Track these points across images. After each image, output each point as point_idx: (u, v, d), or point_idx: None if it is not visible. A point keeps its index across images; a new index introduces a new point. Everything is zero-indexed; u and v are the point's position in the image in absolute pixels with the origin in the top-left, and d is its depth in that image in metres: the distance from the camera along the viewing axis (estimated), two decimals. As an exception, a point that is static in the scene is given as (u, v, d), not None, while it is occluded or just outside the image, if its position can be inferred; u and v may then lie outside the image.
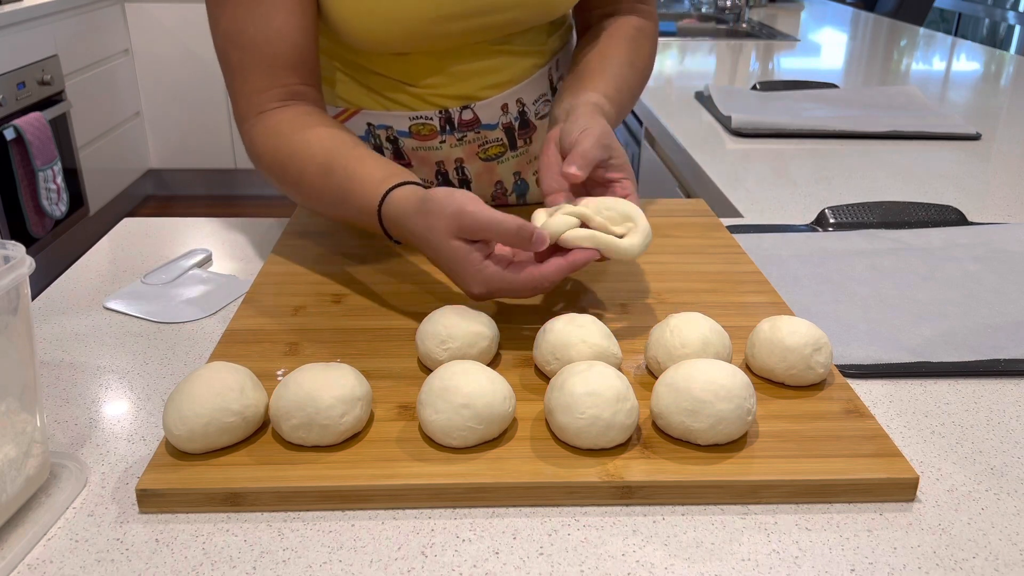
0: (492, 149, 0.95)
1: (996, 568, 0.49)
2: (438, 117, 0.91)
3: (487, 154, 0.95)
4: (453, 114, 0.91)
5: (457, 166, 0.95)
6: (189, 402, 0.55)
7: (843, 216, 1.01)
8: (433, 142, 0.93)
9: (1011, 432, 0.62)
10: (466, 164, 0.95)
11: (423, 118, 0.91)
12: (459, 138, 0.93)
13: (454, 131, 0.92)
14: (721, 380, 0.56)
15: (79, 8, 3.15)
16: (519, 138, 0.96)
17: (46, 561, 0.49)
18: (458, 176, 0.96)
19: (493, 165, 0.97)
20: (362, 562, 0.49)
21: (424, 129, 0.92)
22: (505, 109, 0.93)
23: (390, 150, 0.94)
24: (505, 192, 1.00)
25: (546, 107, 0.96)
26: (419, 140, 0.93)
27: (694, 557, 0.50)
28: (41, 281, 0.84)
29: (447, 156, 0.94)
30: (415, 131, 0.92)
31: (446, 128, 0.92)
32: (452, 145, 0.93)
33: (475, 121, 0.92)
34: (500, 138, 0.95)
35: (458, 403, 0.55)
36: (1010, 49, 4.73)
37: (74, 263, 0.91)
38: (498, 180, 0.98)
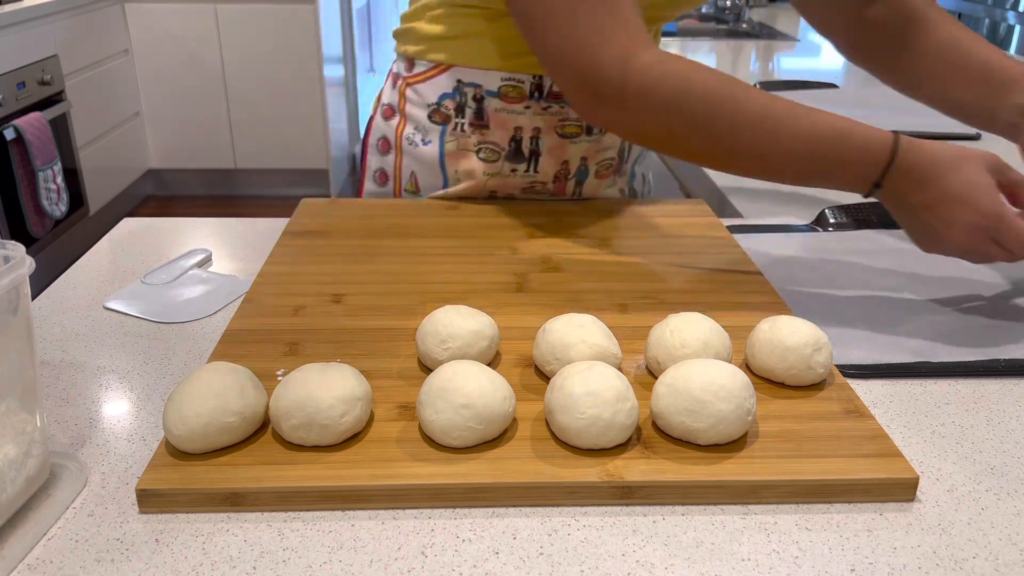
0: (570, 128, 0.97)
1: (996, 568, 0.49)
2: (530, 82, 0.93)
3: (564, 131, 0.97)
4: (545, 82, 0.93)
5: (533, 136, 0.97)
6: (189, 402, 0.55)
7: (843, 216, 1.01)
8: (518, 106, 0.95)
9: (1011, 432, 0.62)
10: (542, 136, 0.97)
11: (515, 80, 0.93)
12: (544, 107, 0.95)
13: (541, 99, 0.94)
14: (721, 380, 0.56)
15: (79, 8, 3.15)
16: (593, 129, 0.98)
17: (46, 561, 0.49)
18: (531, 146, 0.98)
19: (566, 144, 0.98)
20: (362, 562, 0.49)
21: (513, 92, 0.94)
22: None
23: (472, 109, 0.96)
24: (567, 174, 1.01)
25: None
26: (505, 102, 0.95)
27: (694, 557, 0.50)
28: (41, 281, 0.84)
29: (527, 123, 0.96)
30: (504, 92, 0.94)
31: (534, 94, 0.94)
32: (536, 113, 0.96)
33: (563, 95, 0.93)
34: (580, 119, 0.96)
35: (458, 403, 0.55)
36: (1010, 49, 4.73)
37: (74, 263, 0.91)
38: (565, 160, 1.00)
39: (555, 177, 1.01)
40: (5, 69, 2.66)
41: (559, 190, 1.03)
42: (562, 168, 1.01)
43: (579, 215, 0.99)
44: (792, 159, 0.73)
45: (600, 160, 1.02)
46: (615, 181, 1.07)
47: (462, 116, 0.97)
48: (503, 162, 0.99)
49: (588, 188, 1.04)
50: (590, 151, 1.01)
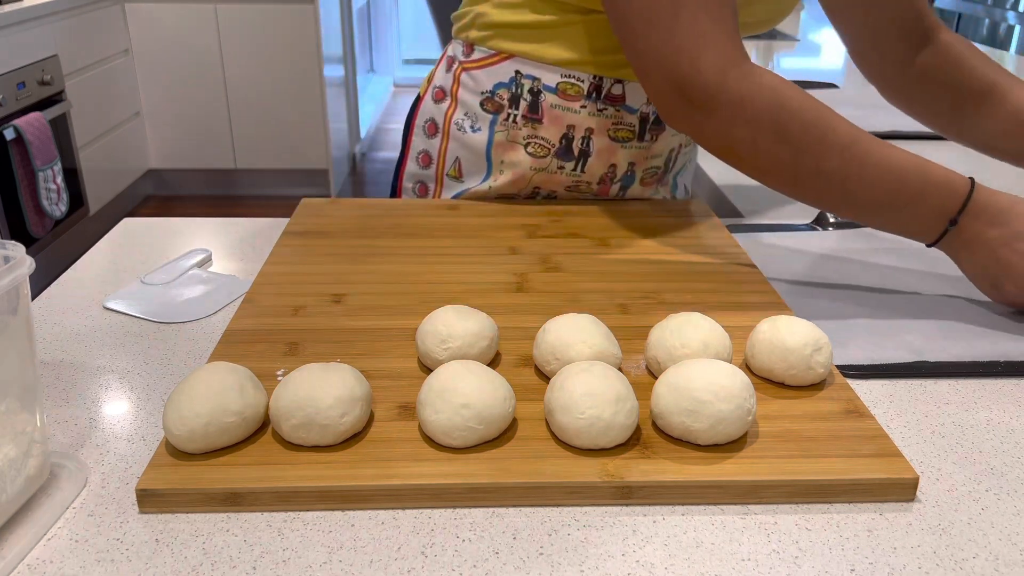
0: (622, 132, 0.98)
1: (996, 568, 0.49)
2: (589, 81, 0.94)
3: (616, 134, 0.98)
4: (604, 83, 0.94)
5: (585, 135, 0.97)
6: (189, 402, 0.55)
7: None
8: (574, 104, 0.95)
9: (1011, 432, 0.62)
10: (594, 136, 0.97)
11: (574, 78, 0.94)
12: (599, 109, 0.96)
13: (598, 100, 0.95)
14: (721, 380, 0.56)
15: (79, 8, 3.15)
16: (648, 132, 0.99)
17: (46, 561, 0.49)
18: (581, 146, 0.98)
19: (616, 147, 0.99)
20: (362, 562, 0.49)
21: (571, 89, 0.95)
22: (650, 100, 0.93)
23: (527, 102, 0.96)
24: (613, 178, 1.02)
25: None
26: (562, 98, 0.95)
27: (694, 557, 0.50)
28: (41, 281, 0.84)
29: (580, 123, 0.97)
30: (562, 89, 0.95)
31: (591, 95, 0.95)
32: (591, 113, 0.96)
33: (621, 98, 0.95)
34: (633, 124, 0.97)
35: (458, 403, 0.55)
36: (1010, 49, 4.73)
37: (74, 263, 0.91)
38: (613, 163, 1.00)
39: (600, 179, 1.01)
40: (5, 69, 2.66)
41: (603, 192, 1.03)
42: (609, 171, 1.01)
43: (579, 215, 0.99)
44: (875, 186, 0.75)
45: (647, 167, 1.03)
46: (658, 190, 1.07)
47: (516, 107, 0.97)
48: (551, 158, 0.99)
49: (631, 194, 1.05)
50: (639, 157, 1.01)
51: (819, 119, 0.75)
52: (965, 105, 0.96)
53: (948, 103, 0.97)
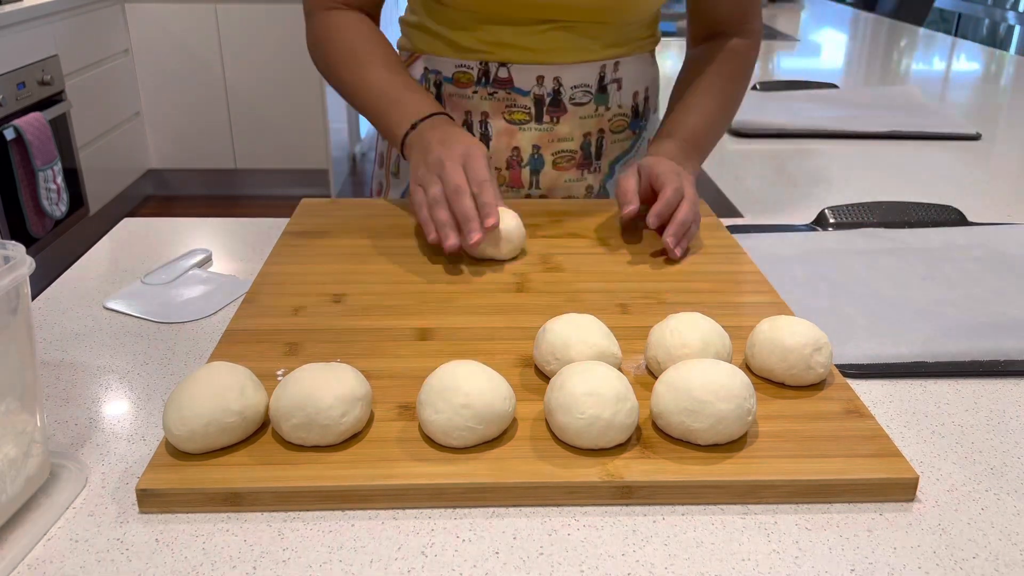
0: (517, 114, 1.02)
1: (996, 568, 0.49)
2: (477, 68, 1.00)
3: (511, 117, 1.02)
4: (491, 68, 1.00)
5: (482, 120, 1.03)
6: (189, 402, 0.55)
7: (843, 216, 1.01)
8: (467, 91, 1.02)
9: (1011, 432, 0.62)
10: (490, 120, 1.03)
11: (465, 67, 1.01)
12: (490, 93, 1.01)
13: (488, 84, 1.01)
14: (721, 380, 0.56)
15: (79, 8, 3.15)
16: (547, 114, 1.02)
17: (46, 561, 0.49)
18: (480, 130, 1.03)
19: (515, 130, 1.03)
20: (362, 562, 0.49)
21: (463, 77, 1.02)
22: (540, 81, 1.00)
23: (433, 94, 1.04)
24: (520, 161, 1.04)
25: (585, 97, 1.02)
26: (457, 87, 1.02)
27: (694, 557, 0.50)
28: (41, 281, 0.84)
29: (475, 107, 1.02)
30: (456, 78, 1.02)
31: (481, 80, 1.01)
32: (483, 98, 1.02)
33: (508, 81, 1.00)
34: (528, 106, 1.01)
35: (458, 403, 0.55)
36: (1010, 49, 4.73)
37: (74, 263, 0.91)
38: (516, 146, 1.03)
39: (508, 164, 1.05)
40: (5, 69, 2.66)
41: (515, 179, 1.05)
42: (514, 154, 1.04)
43: (579, 215, 0.99)
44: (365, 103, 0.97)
45: (557, 151, 1.05)
46: (582, 176, 1.08)
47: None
48: None
49: (546, 179, 1.06)
50: (542, 140, 1.03)
51: (352, 46, 0.98)
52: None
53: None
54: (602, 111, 1.04)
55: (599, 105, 1.03)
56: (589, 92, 1.02)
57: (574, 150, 1.05)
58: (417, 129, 0.91)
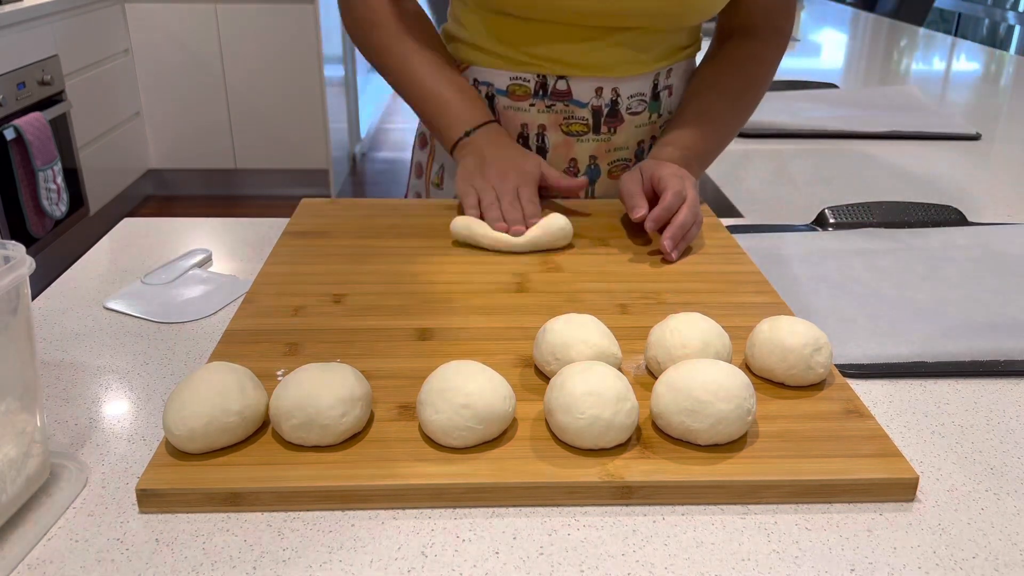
0: (575, 126, 1.01)
1: (996, 568, 0.49)
2: (534, 80, 0.99)
3: (569, 128, 1.01)
4: (549, 81, 0.99)
5: (539, 132, 1.02)
6: (189, 402, 0.55)
7: (843, 216, 1.01)
8: (523, 104, 1.01)
9: (1011, 432, 0.62)
10: (547, 133, 1.02)
11: (521, 79, 0.99)
12: (548, 106, 1.00)
13: (545, 97, 1.00)
14: (721, 380, 0.56)
15: (79, 8, 3.14)
16: (604, 124, 1.02)
17: (46, 561, 0.49)
18: (537, 143, 1.03)
19: (572, 141, 1.02)
20: (362, 562, 0.49)
21: (519, 90, 1.00)
22: (599, 92, 0.99)
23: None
24: (577, 172, 1.05)
25: (640, 106, 1.02)
26: (512, 100, 1.01)
27: (694, 557, 0.50)
28: (41, 281, 0.84)
29: (532, 120, 1.01)
30: (511, 90, 1.00)
31: (539, 93, 1.00)
32: (540, 111, 1.01)
33: (567, 94, 0.99)
34: (586, 117, 1.01)
35: (458, 403, 0.55)
36: (1010, 49, 4.73)
37: (74, 263, 0.91)
38: (573, 157, 1.03)
39: (564, 174, 1.02)
40: (5, 69, 2.66)
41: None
42: (570, 166, 1.03)
43: (579, 215, 0.99)
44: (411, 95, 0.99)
45: (612, 160, 1.04)
46: None
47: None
48: None
49: (601, 188, 1.06)
50: (599, 150, 1.03)
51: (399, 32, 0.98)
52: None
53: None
54: (655, 118, 1.05)
55: (652, 112, 1.04)
56: (644, 101, 1.02)
57: (628, 158, 1.05)
58: (471, 137, 0.95)
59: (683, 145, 0.98)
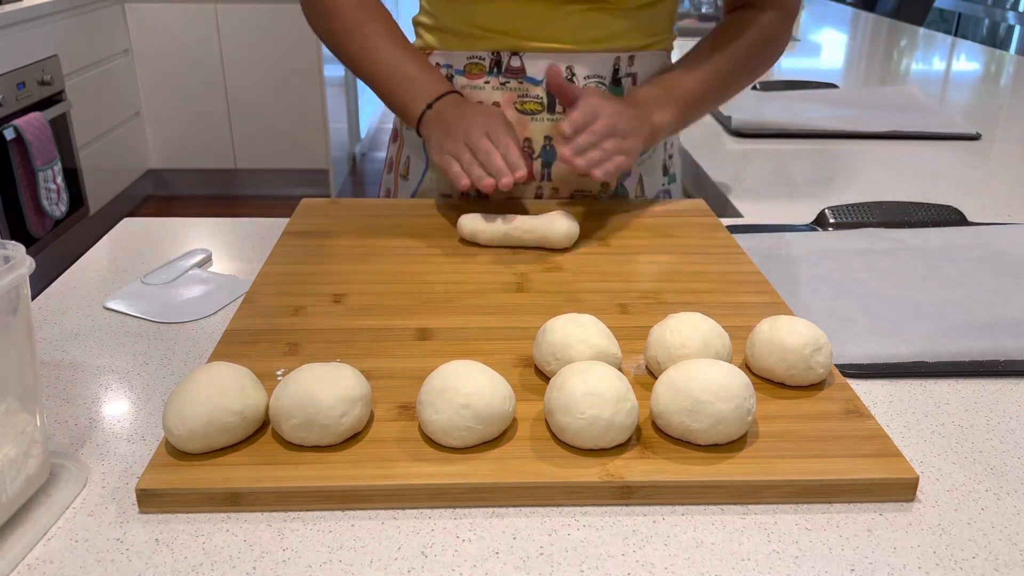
0: (529, 104, 1.01)
1: (996, 568, 0.49)
2: (489, 58, 1.00)
3: (523, 107, 1.01)
4: (503, 58, 0.99)
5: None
6: (189, 402, 0.55)
7: (843, 216, 1.01)
8: (479, 81, 1.01)
9: (1011, 432, 0.62)
10: (502, 110, 1.00)
11: (477, 58, 1.00)
12: (502, 83, 1.00)
13: (499, 74, 1.00)
14: (721, 380, 0.56)
15: (79, 8, 3.15)
16: (560, 104, 1.00)
17: (46, 561, 0.49)
18: None
19: (526, 120, 1.01)
20: (362, 562, 0.49)
21: (475, 68, 1.01)
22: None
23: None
24: (532, 153, 1.03)
25: (599, 88, 0.99)
26: (468, 78, 1.01)
27: (694, 557, 0.50)
28: (41, 281, 0.84)
29: (487, 97, 1.01)
30: (468, 69, 1.01)
31: (493, 70, 1.00)
32: (495, 87, 1.01)
33: (521, 71, 0.99)
34: (540, 96, 1.00)
35: (458, 403, 0.55)
36: (1010, 49, 4.73)
37: (74, 263, 0.91)
38: (528, 137, 1.02)
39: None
40: (5, 69, 2.66)
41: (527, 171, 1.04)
42: (525, 145, 1.02)
43: (579, 215, 0.99)
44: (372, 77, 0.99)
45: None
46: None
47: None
48: None
49: (558, 171, 1.04)
50: (555, 131, 1.02)
51: (355, 16, 0.98)
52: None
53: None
54: None
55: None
56: (603, 84, 1.00)
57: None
58: (433, 108, 0.94)
59: (664, 84, 0.97)
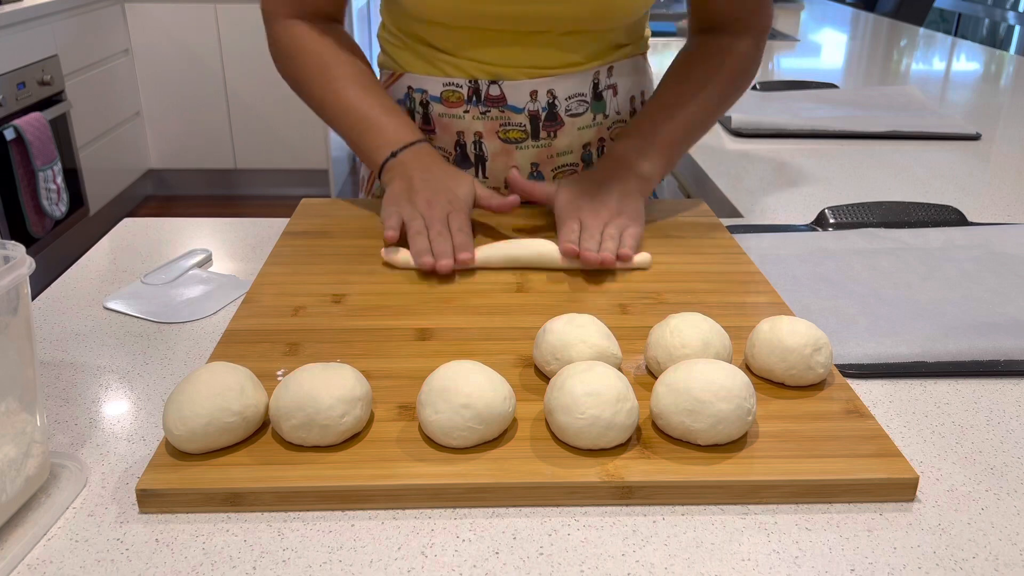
0: (513, 132, 0.98)
1: (996, 568, 0.49)
2: (467, 86, 0.96)
3: (507, 135, 0.98)
4: (481, 86, 0.96)
5: (476, 140, 0.99)
6: (189, 402, 0.55)
7: (843, 216, 1.01)
8: (458, 110, 0.97)
9: (1011, 432, 0.62)
10: (484, 140, 0.99)
11: (454, 85, 0.97)
12: (482, 112, 0.97)
13: (479, 104, 0.96)
14: (721, 380, 0.56)
15: (79, 8, 3.15)
16: (543, 129, 0.98)
17: (46, 561, 0.49)
18: (475, 151, 1.00)
19: (511, 148, 0.99)
20: (362, 562, 0.49)
21: (453, 96, 0.97)
22: (534, 96, 0.96)
23: (420, 114, 1.00)
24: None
25: (581, 107, 0.99)
26: (447, 107, 0.98)
27: (694, 557, 0.50)
28: (41, 281, 0.84)
29: (468, 127, 0.98)
30: (445, 97, 0.97)
31: (472, 99, 0.96)
32: (475, 117, 0.97)
33: (501, 99, 0.96)
34: (523, 123, 0.97)
35: (458, 403, 0.55)
36: (1010, 49, 4.73)
37: (74, 263, 0.91)
38: (514, 165, 0.99)
39: (506, 183, 0.99)
40: (5, 69, 2.66)
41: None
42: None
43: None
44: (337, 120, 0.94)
45: (557, 166, 1.01)
46: None
47: (413, 120, 0.99)
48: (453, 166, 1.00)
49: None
50: (540, 157, 1.00)
51: (324, 59, 0.93)
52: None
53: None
54: (600, 119, 1.01)
55: (597, 113, 1.00)
56: (585, 101, 0.98)
57: (575, 163, 1.02)
58: (398, 157, 0.89)
59: (642, 133, 0.94)
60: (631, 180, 0.90)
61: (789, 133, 1.44)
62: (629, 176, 0.90)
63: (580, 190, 0.86)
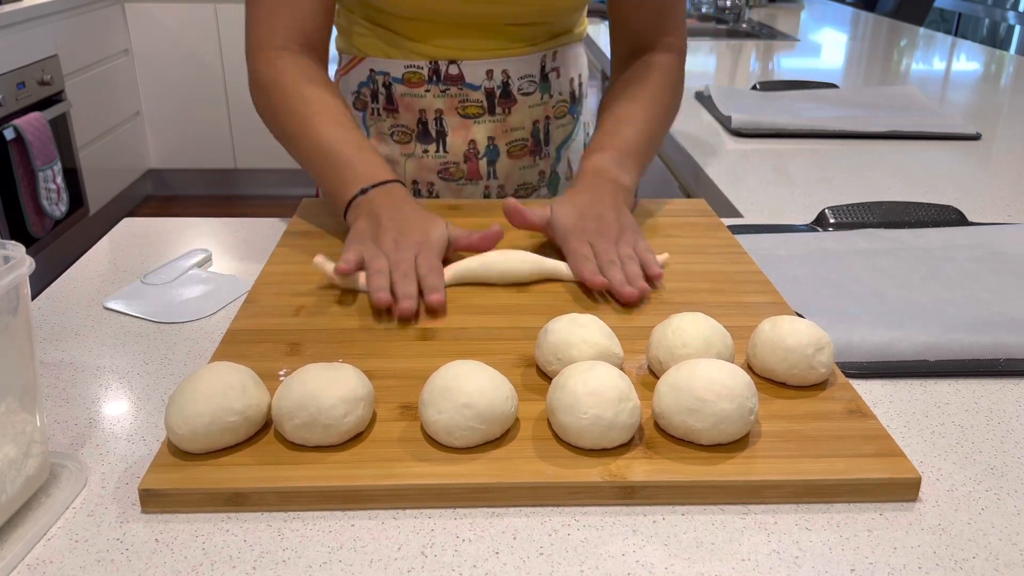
0: (471, 108, 1.05)
1: (996, 568, 0.49)
2: (427, 67, 1.02)
3: (465, 111, 1.05)
4: (441, 67, 1.02)
5: (437, 116, 1.05)
6: (191, 401, 0.55)
7: (843, 216, 1.01)
8: (419, 90, 1.04)
9: (1011, 432, 0.62)
10: (445, 116, 1.05)
11: (415, 67, 1.03)
12: (443, 90, 1.03)
13: (439, 82, 1.03)
14: (723, 380, 0.56)
15: (79, 8, 3.15)
16: (499, 106, 1.05)
17: (46, 561, 0.49)
18: (436, 127, 1.06)
19: (469, 123, 1.05)
20: (362, 562, 0.49)
21: (414, 77, 1.03)
22: (490, 75, 1.03)
23: (384, 95, 1.05)
24: (477, 153, 1.07)
25: (531, 87, 1.06)
26: (408, 87, 1.04)
27: (694, 557, 0.50)
28: (41, 281, 0.84)
29: (429, 105, 1.04)
30: (407, 78, 1.03)
31: (432, 78, 1.03)
32: (436, 95, 1.04)
33: (460, 77, 1.03)
34: (480, 100, 1.04)
35: (460, 403, 0.55)
36: (1010, 49, 4.73)
37: (74, 263, 0.90)
38: (472, 139, 1.06)
39: (465, 157, 1.06)
40: (5, 69, 2.66)
41: (472, 171, 1.07)
42: (471, 148, 1.06)
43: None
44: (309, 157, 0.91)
45: (511, 141, 1.08)
46: (535, 163, 1.11)
47: (376, 102, 1.06)
48: (414, 142, 1.06)
49: (502, 168, 1.08)
50: (496, 131, 1.06)
51: (303, 95, 0.91)
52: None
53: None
54: (546, 99, 1.09)
55: (543, 93, 1.08)
56: (534, 82, 1.06)
57: (525, 138, 1.09)
58: (367, 195, 0.85)
59: (613, 146, 0.94)
60: (618, 192, 0.90)
61: (789, 133, 1.44)
62: (615, 188, 0.90)
63: (576, 210, 0.86)
